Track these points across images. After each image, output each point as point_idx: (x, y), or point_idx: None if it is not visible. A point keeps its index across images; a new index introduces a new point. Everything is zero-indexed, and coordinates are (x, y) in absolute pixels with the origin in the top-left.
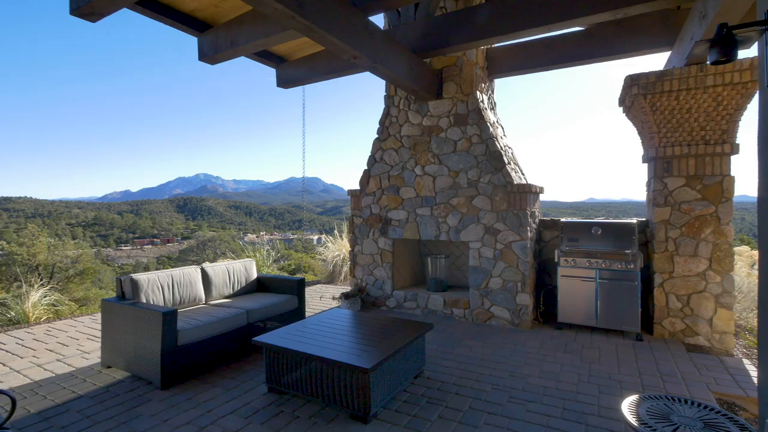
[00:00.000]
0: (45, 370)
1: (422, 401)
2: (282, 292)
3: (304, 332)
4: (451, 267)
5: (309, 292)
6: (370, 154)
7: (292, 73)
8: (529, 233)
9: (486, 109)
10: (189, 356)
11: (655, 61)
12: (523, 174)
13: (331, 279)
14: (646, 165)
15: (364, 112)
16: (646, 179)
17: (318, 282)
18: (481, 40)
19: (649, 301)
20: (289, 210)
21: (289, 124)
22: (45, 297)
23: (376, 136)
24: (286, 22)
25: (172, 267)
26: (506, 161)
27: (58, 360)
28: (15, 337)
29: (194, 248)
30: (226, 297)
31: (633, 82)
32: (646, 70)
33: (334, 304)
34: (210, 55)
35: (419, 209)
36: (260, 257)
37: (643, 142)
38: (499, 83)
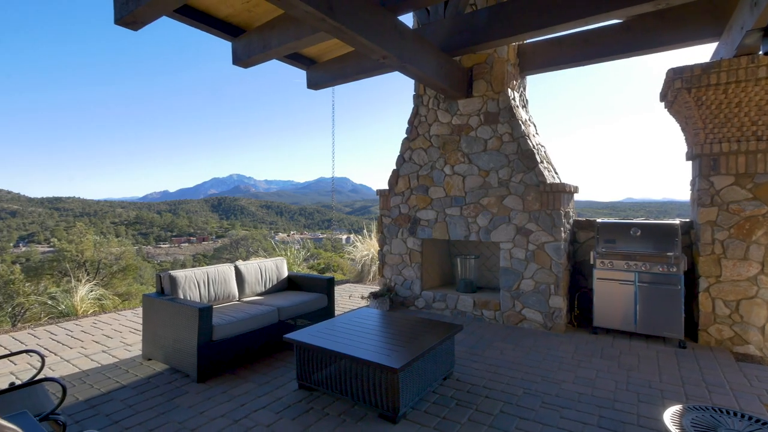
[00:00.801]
0: (91, 360)
1: (451, 403)
2: (312, 291)
3: (333, 330)
4: (481, 268)
5: (338, 291)
6: (399, 153)
7: (322, 74)
8: (562, 234)
9: (517, 106)
10: (223, 351)
11: (698, 54)
12: (556, 173)
13: (359, 278)
14: (690, 163)
15: (393, 112)
16: (690, 178)
17: (347, 281)
18: (512, 37)
19: (693, 307)
20: (318, 210)
21: (318, 124)
22: (91, 291)
23: (405, 135)
24: (317, 25)
25: (207, 264)
26: (538, 160)
27: (103, 351)
28: (65, 328)
29: (228, 246)
30: (258, 294)
31: (676, 75)
32: (689, 63)
33: (363, 303)
34: (243, 59)
35: (448, 209)
36: (291, 256)
37: (687, 139)
38: (531, 80)
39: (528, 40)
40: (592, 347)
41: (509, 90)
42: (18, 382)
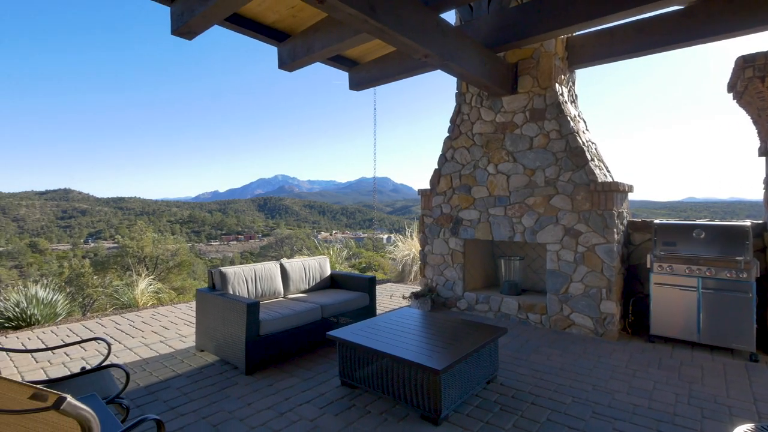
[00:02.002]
0: (150, 349)
1: (495, 408)
2: (354, 290)
3: (375, 329)
4: (526, 270)
5: (379, 290)
6: (440, 153)
7: (364, 75)
8: (615, 235)
9: (566, 102)
10: (269, 346)
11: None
12: (608, 171)
13: (400, 278)
14: (762, 159)
15: (434, 111)
16: (762, 175)
17: (388, 281)
18: (561, 29)
19: (766, 317)
20: (359, 209)
21: (359, 124)
22: (150, 285)
23: (447, 134)
24: (359, 26)
25: (254, 262)
26: (589, 158)
27: (161, 341)
28: (127, 319)
29: (273, 245)
30: (302, 292)
31: (747, 63)
32: (759, 50)
33: (404, 303)
34: (288, 63)
35: (492, 209)
36: (333, 255)
37: (759, 133)
38: (581, 74)
39: (577, 33)
40: (649, 356)
41: (557, 85)
42: (88, 367)
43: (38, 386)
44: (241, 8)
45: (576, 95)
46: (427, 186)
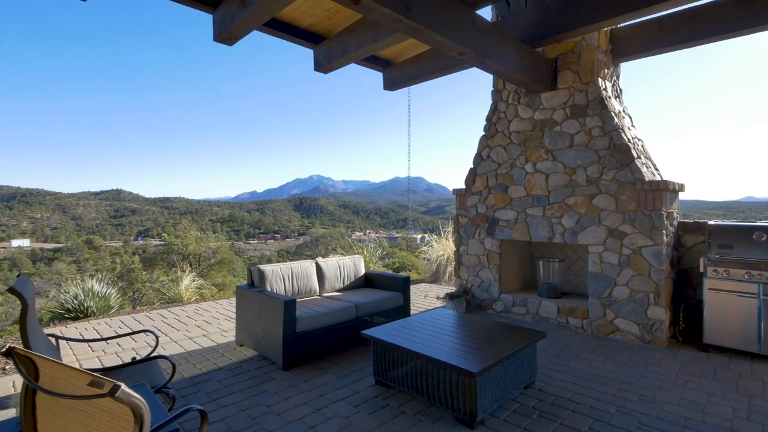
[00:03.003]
0: (194, 342)
1: (533, 414)
2: (388, 289)
3: (409, 329)
4: (566, 272)
5: (413, 290)
6: (476, 152)
7: (398, 75)
8: (664, 237)
9: (610, 97)
10: (305, 342)
11: None
12: (656, 169)
13: (435, 278)
14: None
15: (469, 110)
16: None
17: (422, 281)
18: (605, 21)
19: None
20: (393, 209)
21: (393, 124)
22: (193, 281)
23: (483, 133)
24: (394, 26)
25: (291, 260)
26: (635, 155)
27: (203, 335)
28: (173, 312)
29: (308, 244)
30: (337, 290)
31: None
32: None
33: (438, 303)
34: (324, 64)
35: (530, 209)
36: (367, 254)
37: None
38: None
39: (622, 24)
40: (702, 367)
41: (600, 80)
42: (138, 358)
43: (95, 374)
44: (278, 13)
45: (621, 90)
46: (462, 186)
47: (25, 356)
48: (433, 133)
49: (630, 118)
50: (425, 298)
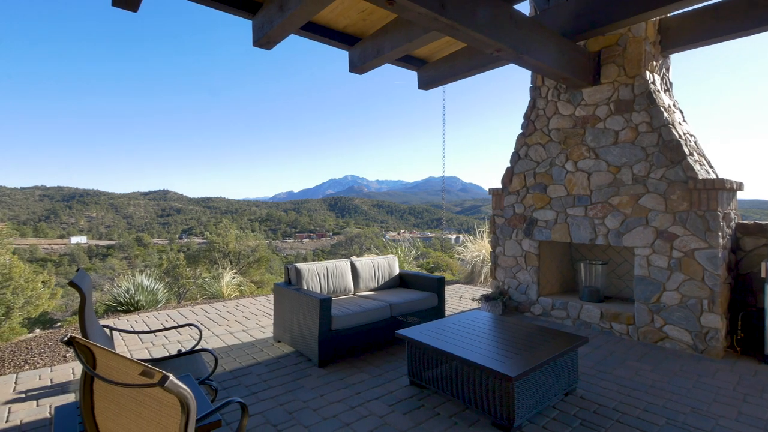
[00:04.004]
0: (234, 337)
1: (574, 422)
2: (422, 290)
3: (444, 331)
4: (610, 275)
5: (447, 291)
6: (513, 150)
7: (433, 73)
8: (720, 240)
9: (658, 91)
10: (340, 341)
11: None
12: (711, 167)
13: (470, 279)
14: None
15: (506, 108)
16: None
17: (456, 282)
18: (654, 11)
19: None
20: (427, 209)
21: (427, 124)
22: (233, 278)
23: (520, 131)
24: (429, 25)
25: (326, 259)
26: (687, 152)
27: (243, 330)
28: (215, 308)
29: (343, 243)
30: (372, 290)
31: None
32: None
33: (474, 305)
34: (359, 65)
35: (570, 209)
36: (401, 254)
37: None
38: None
39: (673, 12)
40: (764, 380)
41: (647, 73)
42: (183, 350)
43: (146, 364)
44: (315, 16)
45: (671, 83)
46: (499, 185)
47: (84, 345)
48: (468, 133)
49: (681, 112)
50: (460, 299)
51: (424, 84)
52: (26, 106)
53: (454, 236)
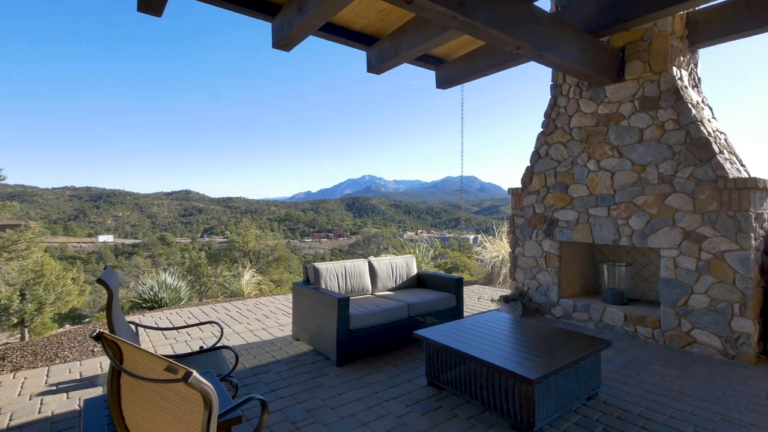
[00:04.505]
0: (254, 335)
1: (597, 427)
2: (440, 290)
3: (463, 331)
4: (634, 277)
5: (466, 292)
6: (533, 149)
7: (451, 72)
8: (752, 241)
9: (686, 87)
10: (358, 340)
11: None
12: (742, 165)
13: (489, 280)
14: None
15: (525, 108)
16: None
17: (475, 282)
18: (682, 4)
19: None
20: (445, 209)
21: (445, 123)
22: (253, 277)
23: (541, 130)
24: (448, 23)
25: (344, 259)
26: (716, 150)
27: (262, 328)
28: (235, 306)
29: (360, 243)
30: (389, 290)
31: None
32: None
33: (493, 306)
34: (376, 65)
35: (593, 209)
36: (419, 254)
37: None
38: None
39: (702, 6)
40: None
41: (674, 68)
42: (205, 347)
43: (171, 360)
44: (333, 17)
45: (699, 78)
46: (518, 185)
47: (112, 341)
48: (486, 132)
49: (710, 109)
50: (479, 300)
51: (443, 83)
52: (56, 106)
53: (472, 236)
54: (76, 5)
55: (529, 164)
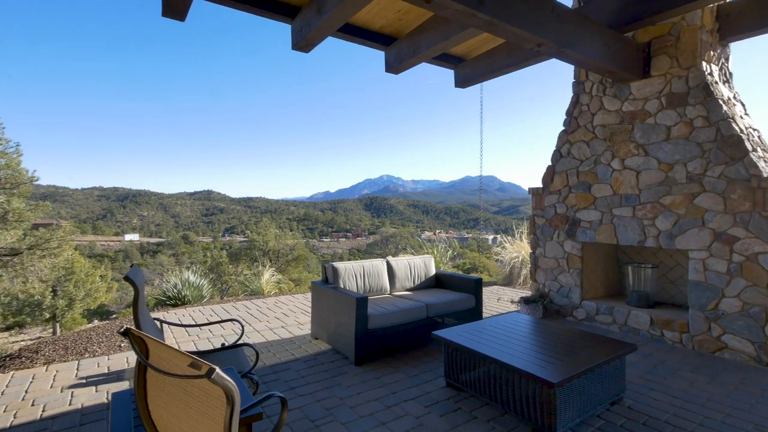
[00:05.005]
0: (274, 333)
1: None
2: (459, 291)
3: (482, 333)
4: (661, 279)
5: (485, 292)
6: (554, 148)
7: (470, 71)
8: None
9: (716, 82)
10: (376, 340)
11: None
12: None
13: (508, 281)
14: None
15: (546, 107)
16: None
17: (494, 283)
18: None
19: None
20: (463, 209)
21: (463, 123)
22: (272, 276)
23: (562, 128)
24: (467, 21)
25: (362, 258)
26: (749, 147)
27: (282, 327)
28: (255, 304)
29: (378, 243)
30: (408, 290)
31: None
32: None
33: (513, 308)
34: (395, 65)
35: (617, 209)
36: (437, 254)
37: None
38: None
39: None
40: None
41: (703, 63)
42: (226, 344)
43: (194, 356)
44: (351, 18)
45: (730, 73)
46: (539, 184)
47: (138, 336)
48: (506, 131)
49: (742, 105)
50: (498, 301)
51: (461, 82)
52: (85, 106)
53: (491, 237)
54: (105, 7)
55: (550, 163)
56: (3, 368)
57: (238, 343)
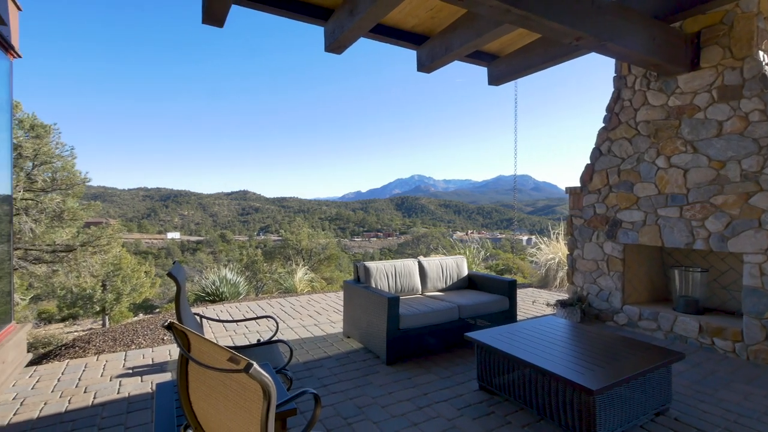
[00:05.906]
0: (307, 330)
1: None
2: (492, 292)
3: (517, 336)
4: (711, 284)
5: (519, 295)
6: (594, 146)
7: (504, 68)
8: None
9: None
10: (408, 340)
11: None
12: None
13: (544, 283)
14: None
15: (583, 106)
16: None
17: (529, 285)
18: None
19: None
20: (496, 209)
21: (497, 122)
22: (305, 274)
23: (602, 125)
24: (501, 17)
25: (393, 258)
26: None
27: (314, 325)
28: (289, 302)
29: (410, 243)
30: (439, 290)
31: None
32: None
33: (548, 311)
34: (427, 64)
35: (662, 209)
36: (469, 255)
37: None
38: None
39: None
40: None
41: (761, 53)
42: (261, 340)
43: (233, 351)
44: (383, 18)
45: None
46: (577, 184)
47: (181, 330)
48: (540, 131)
49: None
50: (533, 304)
51: (495, 79)
52: (129, 108)
53: (525, 237)
54: (152, 9)
55: (589, 162)
56: (59, 357)
57: (273, 339)
